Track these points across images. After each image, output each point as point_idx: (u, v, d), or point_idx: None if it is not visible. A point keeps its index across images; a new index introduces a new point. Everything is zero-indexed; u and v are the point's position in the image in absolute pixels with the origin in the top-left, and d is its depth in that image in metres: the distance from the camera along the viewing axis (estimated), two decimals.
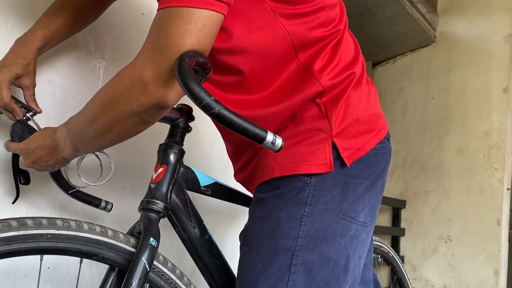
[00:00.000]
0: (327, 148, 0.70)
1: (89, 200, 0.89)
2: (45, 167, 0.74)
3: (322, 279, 0.68)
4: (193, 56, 0.54)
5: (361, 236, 0.73)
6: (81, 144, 0.68)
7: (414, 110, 2.96)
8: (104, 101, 0.62)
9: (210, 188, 0.88)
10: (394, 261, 1.43)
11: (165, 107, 0.60)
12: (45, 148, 0.71)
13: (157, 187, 0.76)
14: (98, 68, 1.09)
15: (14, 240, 0.59)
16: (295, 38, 0.68)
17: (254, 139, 0.53)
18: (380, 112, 0.79)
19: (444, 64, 2.83)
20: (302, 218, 0.69)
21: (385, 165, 0.78)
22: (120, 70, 0.61)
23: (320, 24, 0.70)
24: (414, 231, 2.81)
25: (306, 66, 0.70)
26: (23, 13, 0.94)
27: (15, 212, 0.92)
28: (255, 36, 0.67)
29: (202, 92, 0.50)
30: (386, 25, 2.80)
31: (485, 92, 2.60)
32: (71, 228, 0.65)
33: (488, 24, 2.64)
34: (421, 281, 2.71)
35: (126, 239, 0.72)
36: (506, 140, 2.48)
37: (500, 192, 2.45)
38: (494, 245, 2.44)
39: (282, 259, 0.68)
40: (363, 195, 0.73)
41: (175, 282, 0.76)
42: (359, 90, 0.75)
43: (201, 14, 0.55)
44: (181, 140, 0.82)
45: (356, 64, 0.76)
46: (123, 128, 0.63)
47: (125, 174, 1.14)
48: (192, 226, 0.81)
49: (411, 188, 2.87)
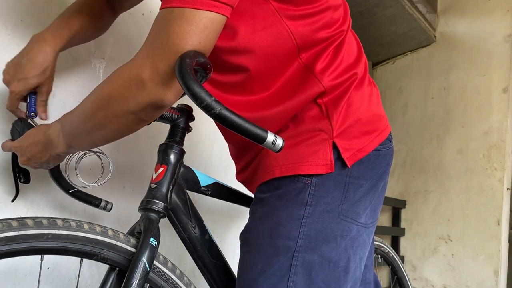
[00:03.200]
0: (328, 148, 0.70)
1: (89, 200, 0.89)
2: (40, 164, 0.74)
3: (323, 280, 0.68)
4: (193, 56, 0.54)
5: (362, 237, 0.73)
6: (74, 140, 0.68)
7: (414, 110, 2.96)
8: (101, 99, 0.62)
9: (210, 188, 0.88)
10: (394, 261, 1.43)
11: (162, 107, 0.60)
12: (38, 144, 0.71)
13: (157, 187, 0.76)
14: (98, 68, 1.09)
15: (14, 240, 0.59)
16: (299, 39, 0.68)
17: (255, 139, 0.53)
18: (382, 113, 0.78)
19: (444, 64, 2.83)
20: (303, 219, 0.69)
21: (387, 166, 0.77)
22: (119, 67, 0.61)
23: (324, 25, 0.69)
24: (414, 231, 2.81)
25: (308, 66, 0.70)
26: (23, 13, 0.94)
27: (15, 212, 0.92)
28: (259, 37, 0.67)
29: (202, 92, 0.50)
30: (386, 25, 2.80)
31: (485, 92, 2.60)
32: (71, 228, 0.65)
33: (488, 24, 2.64)
34: (421, 281, 2.71)
35: (126, 239, 0.72)
36: (506, 140, 2.48)
37: (500, 192, 2.45)
38: (494, 245, 2.44)
39: (282, 259, 0.68)
40: (364, 196, 0.73)
41: (175, 282, 0.76)
42: (361, 90, 0.74)
43: (203, 16, 0.55)
44: (181, 140, 0.82)
45: (359, 64, 0.75)
46: (119, 126, 0.62)
47: (125, 174, 1.14)
48: (192, 226, 0.81)
49: (411, 188, 2.87)
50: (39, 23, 0.96)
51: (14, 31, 0.92)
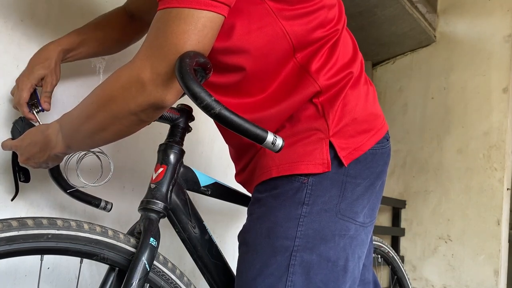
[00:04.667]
0: (324, 148, 0.70)
1: (89, 200, 0.89)
2: (39, 163, 0.74)
3: (321, 280, 0.68)
4: (193, 56, 0.54)
5: (361, 236, 0.73)
6: (73, 141, 0.68)
7: (414, 110, 2.96)
8: (101, 100, 0.62)
9: (210, 188, 0.88)
10: (394, 261, 1.43)
11: (163, 107, 0.60)
12: (37, 144, 0.71)
13: (157, 187, 0.76)
14: (98, 68, 1.09)
15: (14, 240, 0.59)
16: (295, 39, 0.68)
17: (255, 139, 0.53)
18: (378, 111, 0.78)
19: (444, 64, 2.83)
20: (300, 218, 0.69)
21: (384, 165, 0.77)
22: (118, 69, 0.61)
23: (319, 24, 0.69)
24: (414, 231, 2.81)
25: (303, 65, 0.70)
26: (23, 13, 0.94)
27: (15, 212, 0.92)
28: (254, 37, 0.67)
29: (202, 93, 0.50)
30: (386, 25, 2.80)
31: (485, 92, 2.60)
32: (71, 228, 0.65)
33: (488, 24, 2.64)
34: (421, 281, 2.71)
35: (126, 239, 0.72)
36: (506, 140, 2.48)
37: (500, 192, 2.45)
38: (494, 245, 2.44)
39: (280, 259, 0.68)
40: (362, 195, 0.73)
41: (175, 282, 0.76)
42: (356, 89, 0.74)
43: (201, 15, 0.55)
44: (181, 140, 0.82)
45: (354, 63, 0.75)
46: (119, 127, 0.62)
47: (125, 174, 1.14)
48: (192, 226, 0.81)
49: (411, 188, 2.87)
50: (39, 23, 0.96)
51: (14, 31, 0.92)
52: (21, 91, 0.83)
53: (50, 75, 0.85)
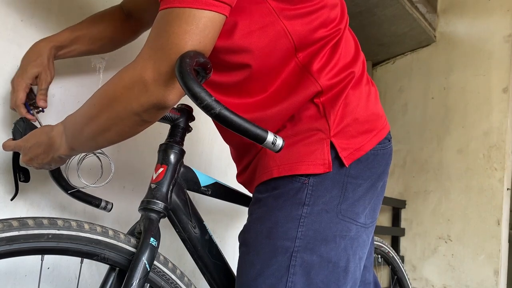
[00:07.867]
0: (325, 148, 0.70)
1: (89, 200, 0.89)
2: (42, 165, 0.74)
3: (322, 281, 0.68)
4: (194, 56, 0.54)
5: (362, 237, 0.73)
6: (77, 143, 0.68)
7: (414, 110, 2.96)
8: (104, 101, 0.62)
9: (210, 188, 0.88)
10: (394, 261, 1.43)
11: (165, 107, 0.60)
12: (41, 146, 0.71)
13: (158, 187, 0.76)
14: (98, 68, 1.09)
15: (15, 240, 0.59)
16: (296, 38, 0.68)
17: (255, 139, 0.53)
18: (380, 112, 0.78)
19: (444, 64, 2.83)
20: (300, 219, 0.69)
21: (386, 166, 0.77)
22: (121, 69, 0.61)
23: (321, 24, 0.69)
24: (414, 231, 2.81)
25: (305, 65, 0.70)
26: (23, 13, 0.94)
27: (15, 212, 0.92)
28: (256, 36, 0.66)
29: (202, 93, 0.50)
30: (386, 25, 2.80)
31: (485, 92, 2.60)
32: (72, 228, 0.65)
33: (488, 24, 2.64)
34: (421, 281, 2.71)
35: (127, 239, 0.72)
36: (506, 140, 2.48)
37: (500, 192, 2.45)
38: (494, 245, 2.44)
39: (281, 259, 0.68)
40: (363, 196, 0.73)
41: (176, 282, 0.76)
42: (358, 89, 0.74)
43: (203, 15, 0.55)
44: (181, 140, 0.82)
45: (356, 63, 0.75)
46: (122, 127, 0.62)
47: (125, 174, 1.14)
48: (192, 226, 0.81)
49: (411, 188, 2.87)
50: (39, 23, 0.96)
51: (14, 31, 0.92)
52: (16, 92, 0.82)
53: (44, 72, 0.84)
